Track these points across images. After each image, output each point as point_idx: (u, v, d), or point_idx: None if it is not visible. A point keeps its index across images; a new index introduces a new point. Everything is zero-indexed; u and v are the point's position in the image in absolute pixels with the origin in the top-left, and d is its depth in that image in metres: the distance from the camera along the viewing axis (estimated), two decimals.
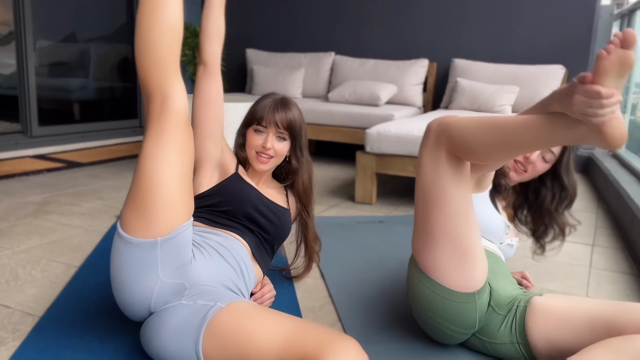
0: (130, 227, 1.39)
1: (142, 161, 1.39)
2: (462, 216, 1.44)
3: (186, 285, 1.44)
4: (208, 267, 1.52)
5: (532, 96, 4.33)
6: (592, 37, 4.47)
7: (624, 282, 2.25)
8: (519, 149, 1.36)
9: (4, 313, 1.75)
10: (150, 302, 1.42)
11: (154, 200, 1.37)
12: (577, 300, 1.48)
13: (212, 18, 1.75)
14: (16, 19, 3.92)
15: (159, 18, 1.38)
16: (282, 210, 1.85)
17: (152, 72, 1.39)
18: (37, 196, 3.15)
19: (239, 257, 1.65)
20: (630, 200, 2.92)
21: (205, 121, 1.76)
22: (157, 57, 1.39)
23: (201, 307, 1.37)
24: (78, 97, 4.72)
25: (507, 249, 1.83)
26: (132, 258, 1.39)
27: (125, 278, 1.41)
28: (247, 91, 5.47)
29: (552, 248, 1.88)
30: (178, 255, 1.43)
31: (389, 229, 2.81)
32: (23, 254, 2.26)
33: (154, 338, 1.39)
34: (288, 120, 1.78)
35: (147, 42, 1.38)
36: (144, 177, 1.38)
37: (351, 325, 1.75)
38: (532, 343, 1.47)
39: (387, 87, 4.70)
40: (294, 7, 5.44)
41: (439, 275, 1.48)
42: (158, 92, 1.40)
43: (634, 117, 4.86)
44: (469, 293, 1.47)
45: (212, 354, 1.29)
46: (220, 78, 1.80)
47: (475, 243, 1.46)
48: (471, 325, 1.52)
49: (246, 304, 1.39)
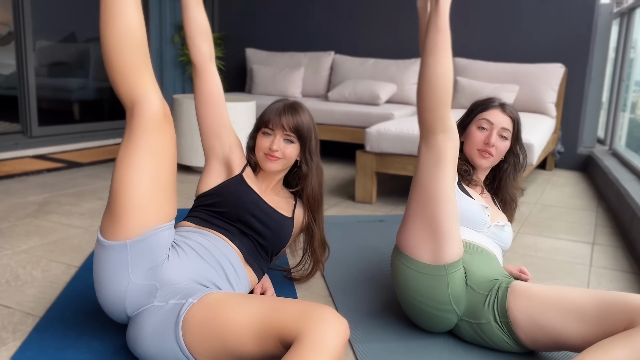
0: (104, 230, 1.43)
1: (115, 167, 1.43)
2: (440, 200, 1.56)
3: (157, 287, 1.44)
4: (180, 266, 1.51)
5: (532, 94, 4.34)
6: (591, 35, 4.47)
7: (624, 281, 2.25)
8: None
9: (4, 313, 1.75)
10: (124, 304, 1.44)
11: (122, 202, 1.39)
12: (565, 289, 1.52)
13: (191, 17, 1.73)
14: (16, 19, 3.92)
15: (116, 26, 1.38)
16: (280, 217, 1.82)
17: (118, 80, 1.41)
18: (37, 196, 3.15)
19: (222, 257, 1.63)
20: (630, 199, 2.93)
21: (207, 119, 1.77)
22: (120, 65, 1.40)
23: (173, 306, 1.37)
24: (78, 97, 4.73)
25: (499, 231, 1.84)
26: (106, 260, 1.42)
27: (101, 280, 1.45)
28: (247, 91, 5.47)
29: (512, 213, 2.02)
30: (149, 257, 1.44)
31: (389, 228, 2.80)
32: (23, 254, 2.26)
33: (136, 345, 1.40)
34: (295, 123, 1.79)
35: (109, 51, 1.40)
36: (114, 182, 1.41)
37: (352, 325, 1.74)
38: (514, 321, 1.51)
39: (387, 86, 4.71)
40: (294, 7, 5.44)
41: (412, 250, 1.62)
42: (128, 100, 1.42)
43: (634, 116, 4.86)
44: (439, 265, 1.57)
45: (196, 347, 1.31)
46: (216, 74, 1.79)
47: (449, 225, 1.57)
48: (444, 300, 1.59)
49: (218, 294, 1.39)
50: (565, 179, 4.35)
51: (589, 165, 4.61)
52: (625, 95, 4.72)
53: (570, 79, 4.59)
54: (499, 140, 1.85)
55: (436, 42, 1.53)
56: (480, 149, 1.85)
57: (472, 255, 1.68)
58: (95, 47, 4.80)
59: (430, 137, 1.57)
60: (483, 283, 1.60)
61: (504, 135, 1.86)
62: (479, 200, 1.84)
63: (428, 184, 1.58)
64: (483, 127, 1.86)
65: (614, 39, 4.92)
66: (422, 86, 1.55)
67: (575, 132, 4.70)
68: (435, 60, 1.53)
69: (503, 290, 1.56)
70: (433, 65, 1.53)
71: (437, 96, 1.53)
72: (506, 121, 1.86)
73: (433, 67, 1.53)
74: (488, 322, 1.56)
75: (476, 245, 1.74)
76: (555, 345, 1.48)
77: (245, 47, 5.58)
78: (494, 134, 1.84)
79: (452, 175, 1.58)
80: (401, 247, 1.66)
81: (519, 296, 1.52)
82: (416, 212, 1.61)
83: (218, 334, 1.29)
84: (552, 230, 2.91)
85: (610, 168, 3.86)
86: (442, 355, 1.59)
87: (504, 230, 1.85)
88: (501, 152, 1.87)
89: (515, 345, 1.56)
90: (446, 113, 1.54)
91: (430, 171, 1.57)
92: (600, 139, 5.12)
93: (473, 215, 1.78)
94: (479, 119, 1.87)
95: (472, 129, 1.88)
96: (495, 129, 1.84)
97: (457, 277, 1.59)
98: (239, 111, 3.66)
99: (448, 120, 1.55)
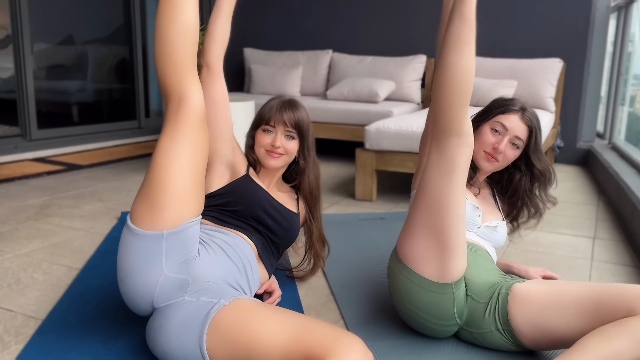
0: (138, 219, 1.41)
1: (156, 156, 1.42)
2: (450, 212, 1.46)
3: (189, 281, 1.45)
4: (212, 264, 1.53)
5: (531, 90, 4.33)
6: (589, 30, 4.47)
7: (626, 275, 2.25)
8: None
9: (6, 317, 1.75)
10: (153, 296, 1.43)
11: (163, 192, 1.40)
12: (563, 285, 1.49)
13: (220, 23, 1.77)
14: (13, 22, 3.91)
15: (176, 21, 1.41)
16: (290, 214, 1.85)
17: (170, 74, 1.43)
18: (38, 199, 3.15)
19: (244, 256, 1.66)
20: (630, 192, 2.92)
21: (213, 121, 1.78)
22: (175, 59, 1.42)
23: (204, 304, 1.38)
24: (77, 99, 4.72)
25: (490, 232, 1.79)
26: (138, 250, 1.41)
27: (130, 270, 1.43)
28: (246, 90, 5.47)
29: (528, 227, 1.94)
30: (183, 250, 1.44)
31: (390, 225, 2.80)
32: (24, 257, 2.26)
33: (158, 335, 1.39)
34: (296, 119, 1.81)
35: (165, 45, 1.42)
36: (156, 171, 1.41)
37: (353, 323, 1.75)
38: (516, 328, 1.48)
39: (386, 83, 4.70)
40: (291, 6, 5.44)
41: (416, 264, 1.51)
42: (175, 93, 1.44)
43: (632, 109, 4.86)
44: (446, 284, 1.49)
45: (217, 351, 1.30)
46: (224, 79, 1.82)
47: (458, 239, 1.47)
48: (449, 317, 1.53)
49: (249, 301, 1.39)
50: (565, 174, 4.35)
51: (589, 160, 4.61)
52: (623, 89, 4.71)
53: (569, 74, 4.59)
54: (509, 147, 1.76)
55: (460, 34, 1.37)
56: (488, 152, 1.77)
57: (468, 260, 1.61)
58: (93, 49, 4.80)
59: (443, 140, 1.45)
60: (483, 291, 1.55)
61: (515, 144, 1.76)
62: (471, 199, 1.79)
63: (437, 192, 1.46)
64: (496, 130, 1.75)
65: (612, 33, 4.91)
66: (440, 84, 1.41)
67: (574, 126, 4.70)
68: (458, 54, 1.37)
69: (503, 297, 1.51)
70: (455, 60, 1.37)
71: (456, 96, 1.39)
72: (522, 130, 1.75)
73: (455, 63, 1.37)
74: (490, 331, 1.53)
75: (470, 244, 1.70)
76: (559, 344, 1.47)
77: (243, 47, 5.58)
78: (505, 141, 1.74)
79: (463, 184, 1.47)
80: (403, 258, 1.55)
81: (519, 302, 1.48)
82: (422, 222, 1.49)
83: (244, 341, 1.28)
84: (552, 225, 2.91)
85: (610, 162, 3.86)
86: (445, 352, 1.59)
87: (496, 231, 1.81)
88: (508, 160, 1.78)
89: (517, 348, 1.54)
90: (463, 115, 1.42)
91: (441, 178, 1.45)
92: (599, 133, 5.12)
93: None
94: (495, 120, 1.76)
95: (485, 128, 1.77)
96: (509, 135, 1.74)
97: (461, 292, 1.53)
98: (237, 111, 3.65)
99: (465, 123, 1.43)
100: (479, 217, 1.77)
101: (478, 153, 1.78)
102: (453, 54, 1.38)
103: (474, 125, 1.80)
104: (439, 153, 1.46)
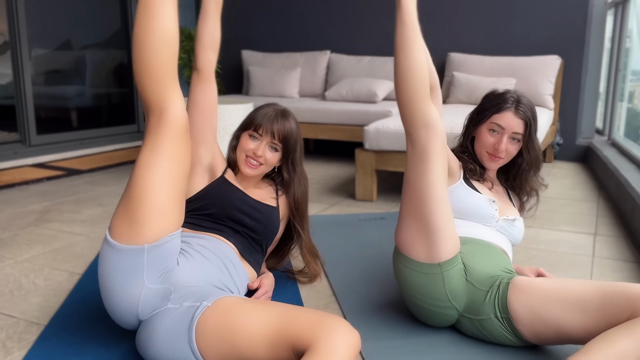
0: (118, 234, 1.40)
1: (137, 169, 1.40)
2: (429, 198, 1.55)
3: (171, 290, 1.45)
4: (191, 269, 1.52)
5: (529, 87, 4.34)
6: (586, 26, 4.47)
7: (627, 270, 2.25)
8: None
9: (8, 323, 1.75)
10: (137, 309, 1.43)
11: (144, 207, 1.38)
12: (567, 280, 1.52)
13: (207, 27, 1.75)
14: (11, 28, 3.91)
15: (154, 32, 1.37)
16: (268, 209, 1.86)
17: (150, 87, 1.40)
18: (38, 205, 3.15)
19: (225, 257, 1.66)
20: (630, 188, 2.92)
21: (197, 126, 1.77)
22: (154, 72, 1.39)
23: (188, 309, 1.38)
24: (75, 104, 4.72)
25: (508, 225, 1.82)
26: (119, 265, 1.40)
27: (112, 285, 1.42)
28: (244, 92, 5.47)
29: (531, 207, 2.01)
30: (163, 262, 1.44)
31: (391, 225, 2.80)
32: (26, 263, 2.26)
33: (148, 347, 1.40)
34: (285, 132, 1.81)
35: (143, 59, 1.38)
36: (136, 185, 1.39)
37: (356, 323, 1.74)
38: (515, 316, 1.51)
39: (384, 83, 4.70)
40: (288, 7, 5.44)
41: (407, 249, 1.62)
42: (156, 105, 1.40)
43: (631, 105, 4.86)
44: (433, 264, 1.57)
45: (209, 351, 1.31)
46: (215, 84, 1.81)
47: (441, 222, 1.55)
48: (442, 298, 1.59)
49: (232, 298, 1.39)
50: (565, 171, 4.35)
51: (589, 156, 4.61)
52: (622, 85, 4.71)
53: (567, 71, 4.59)
54: (509, 143, 1.80)
55: (403, 37, 1.55)
56: (490, 153, 1.81)
57: (474, 250, 1.68)
58: (91, 54, 4.80)
59: (413, 132, 1.57)
60: (484, 279, 1.60)
61: (515, 138, 1.81)
62: (486, 194, 1.83)
63: (415, 182, 1.57)
64: (494, 130, 1.80)
65: (609, 29, 4.91)
66: (397, 82, 1.56)
67: (573, 123, 4.70)
68: (405, 54, 1.54)
69: (504, 286, 1.55)
70: (404, 59, 1.54)
71: (412, 90, 1.53)
72: (518, 124, 1.78)
73: (404, 62, 1.54)
74: (489, 317, 1.56)
75: (482, 240, 1.74)
76: (558, 338, 1.48)
77: (241, 49, 5.58)
78: (504, 140, 1.79)
79: (440, 171, 1.56)
80: (398, 245, 1.66)
81: (520, 291, 1.51)
82: (408, 211, 1.60)
83: (231, 338, 1.29)
84: (553, 222, 2.91)
85: (609, 158, 3.86)
86: (446, 351, 1.59)
87: (514, 225, 1.84)
88: (512, 154, 1.83)
89: (516, 340, 1.55)
90: (425, 106, 1.54)
91: (417, 169, 1.56)
92: (598, 130, 5.11)
93: (480, 209, 1.77)
94: (490, 121, 1.80)
95: (483, 129, 1.82)
96: (507, 133, 1.79)
97: (454, 274, 1.58)
98: (236, 113, 3.64)
99: (429, 113, 1.54)
100: (496, 211, 1.80)
101: (481, 154, 1.85)
102: (401, 55, 1.55)
103: (471, 129, 1.88)
104: (412, 145, 1.58)
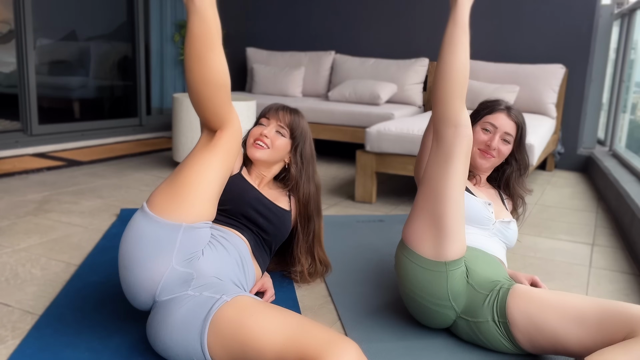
0: (159, 208, 1.44)
1: (192, 160, 1.50)
2: (446, 197, 1.56)
3: (194, 276, 1.47)
4: (215, 260, 1.55)
5: (532, 95, 4.34)
6: (592, 36, 4.47)
7: (624, 282, 2.25)
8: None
9: (3, 311, 1.75)
10: (157, 287, 1.43)
11: (192, 189, 1.46)
12: (567, 293, 1.53)
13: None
14: (16, 17, 3.92)
15: (208, 82, 1.46)
16: (281, 211, 1.87)
17: (209, 118, 1.51)
18: (37, 194, 3.15)
19: (240, 252, 1.68)
20: (630, 200, 2.93)
21: None
22: (212, 108, 1.49)
23: (207, 299, 1.39)
24: (78, 95, 4.73)
25: (504, 228, 1.86)
26: (152, 237, 1.42)
27: (139, 257, 1.43)
28: (248, 90, 5.47)
29: (523, 211, 2.06)
30: (194, 246, 1.47)
31: (389, 228, 2.81)
32: (23, 252, 2.26)
33: (160, 329, 1.40)
34: (291, 119, 1.87)
35: (200, 101, 1.48)
36: (189, 170, 1.48)
37: (351, 325, 1.75)
38: (512, 321, 1.52)
39: (387, 86, 4.70)
40: (295, 6, 5.44)
41: (415, 244, 1.63)
42: (215, 125, 1.52)
43: (634, 117, 4.86)
44: (439, 262, 1.58)
45: (216, 347, 1.31)
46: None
47: (454, 223, 1.57)
48: (442, 296, 1.60)
49: (250, 299, 1.40)
50: (565, 180, 4.35)
51: (589, 166, 4.61)
52: (625, 96, 4.71)
53: (571, 80, 4.59)
54: (501, 143, 1.89)
55: (453, 36, 1.57)
56: (482, 149, 1.89)
57: (476, 256, 1.69)
58: (96, 46, 4.81)
59: (441, 130, 1.58)
60: (485, 283, 1.61)
61: (506, 139, 1.90)
62: (482, 197, 1.86)
63: (435, 180, 1.58)
64: (487, 129, 1.89)
65: (615, 40, 4.92)
66: (437, 78, 1.58)
67: (575, 133, 4.70)
68: (451, 53, 1.56)
69: (504, 291, 1.56)
70: (448, 57, 1.56)
71: (450, 87, 1.55)
72: (510, 126, 1.89)
73: (448, 60, 1.56)
74: (486, 320, 1.57)
75: (482, 250, 1.76)
76: (552, 348, 1.48)
77: (245, 47, 5.58)
78: (497, 138, 1.88)
79: (461, 173, 1.58)
80: (405, 240, 1.67)
81: (520, 297, 1.53)
82: (422, 207, 1.62)
83: (242, 338, 1.29)
84: (551, 230, 2.91)
85: (610, 169, 3.86)
86: (440, 354, 1.59)
87: (509, 228, 1.87)
88: (503, 155, 1.91)
89: (511, 346, 1.56)
90: (459, 106, 1.56)
91: (440, 167, 1.58)
92: (600, 140, 5.12)
93: (477, 212, 1.79)
94: (484, 121, 1.91)
95: (476, 128, 1.91)
96: (499, 132, 1.88)
97: (457, 275, 1.60)
98: (239, 110, 3.65)
99: (461, 114, 1.56)
100: (492, 214, 1.83)
101: (473, 152, 1.90)
102: (448, 53, 1.57)
103: None
104: (438, 143, 1.60)
